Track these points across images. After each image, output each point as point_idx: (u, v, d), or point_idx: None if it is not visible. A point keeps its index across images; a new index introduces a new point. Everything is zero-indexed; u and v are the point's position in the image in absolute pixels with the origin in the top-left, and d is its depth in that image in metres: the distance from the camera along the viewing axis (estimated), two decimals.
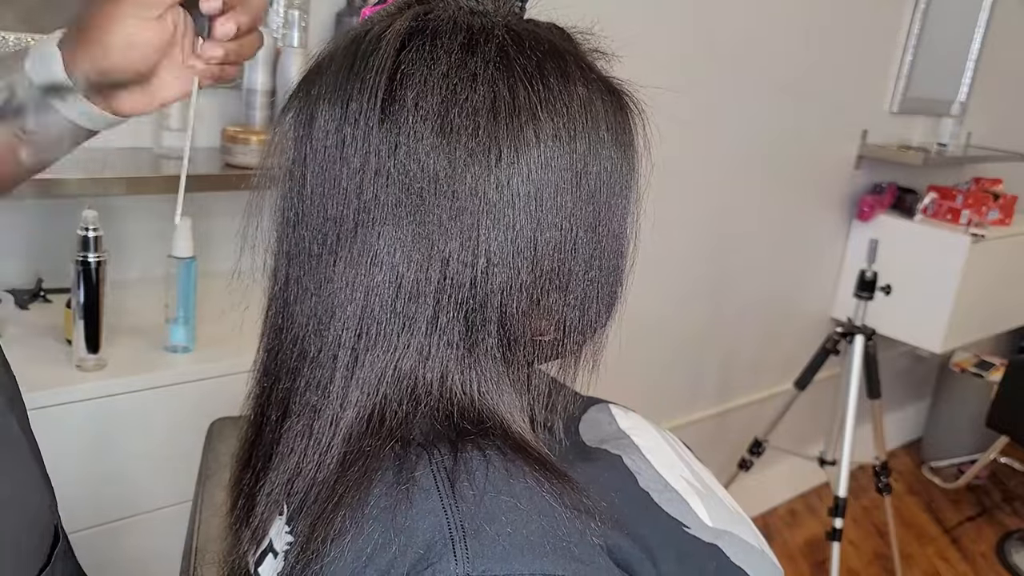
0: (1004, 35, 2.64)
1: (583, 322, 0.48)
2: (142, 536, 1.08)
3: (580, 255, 0.46)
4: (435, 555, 0.38)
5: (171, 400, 1.07)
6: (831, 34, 2.13)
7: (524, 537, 0.39)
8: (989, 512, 2.82)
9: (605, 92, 0.47)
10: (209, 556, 0.71)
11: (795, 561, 2.39)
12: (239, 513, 0.52)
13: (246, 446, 0.52)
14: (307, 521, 0.43)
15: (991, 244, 2.32)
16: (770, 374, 2.47)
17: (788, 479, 2.63)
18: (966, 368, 2.96)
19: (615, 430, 0.57)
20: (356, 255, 0.44)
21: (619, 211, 0.48)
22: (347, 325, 0.44)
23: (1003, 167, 2.80)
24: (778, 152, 2.16)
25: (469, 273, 0.43)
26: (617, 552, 0.43)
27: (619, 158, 0.47)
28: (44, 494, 0.51)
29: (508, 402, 0.46)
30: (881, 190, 2.44)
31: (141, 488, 1.08)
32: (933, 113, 2.55)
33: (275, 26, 1.23)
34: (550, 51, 0.46)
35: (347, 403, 0.44)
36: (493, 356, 0.45)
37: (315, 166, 0.45)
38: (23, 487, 0.48)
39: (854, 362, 2.06)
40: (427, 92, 0.42)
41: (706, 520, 0.52)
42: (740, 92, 1.98)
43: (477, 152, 0.42)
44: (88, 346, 1.02)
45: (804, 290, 2.47)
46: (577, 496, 0.42)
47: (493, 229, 0.43)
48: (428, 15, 0.45)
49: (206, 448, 0.91)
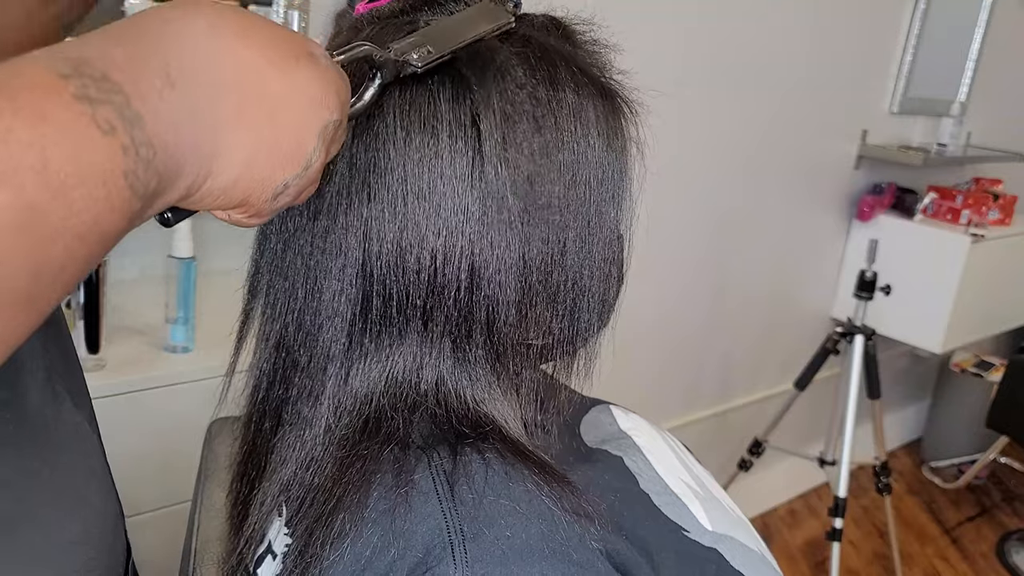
0: (1004, 35, 2.64)
1: (573, 331, 0.48)
2: (142, 536, 1.08)
3: (569, 266, 0.46)
4: (434, 559, 0.38)
5: (171, 400, 1.07)
6: (831, 34, 2.13)
7: (523, 541, 0.39)
8: (989, 512, 2.81)
9: (597, 96, 0.47)
10: (209, 556, 0.71)
11: (795, 561, 2.39)
12: (235, 520, 0.52)
13: (241, 454, 0.52)
14: (305, 524, 0.43)
15: (991, 244, 2.32)
16: (770, 374, 2.47)
17: (788, 479, 2.63)
18: (966, 368, 2.96)
19: (616, 430, 0.57)
20: (342, 268, 0.43)
21: (610, 217, 0.48)
22: (336, 336, 0.44)
23: (1003, 167, 2.80)
24: (778, 152, 2.16)
25: (455, 286, 0.43)
26: (616, 556, 0.43)
27: (610, 164, 0.47)
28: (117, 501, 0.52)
29: (502, 408, 0.46)
30: (881, 190, 2.44)
31: (141, 488, 1.08)
32: (933, 113, 2.55)
33: None
34: (541, 57, 0.45)
35: (340, 412, 0.44)
36: (483, 365, 0.45)
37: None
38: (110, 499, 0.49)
39: (854, 362, 2.06)
40: (408, 105, 0.42)
41: (706, 524, 0.52)
42: (740, 92, 1.97)
43: (460, 167, 0.42)
44: (88, 346, 1.02)
45: (804, 290, 2.47)
46: (576, 500, 0.42)
47: (478, 243, 0.42)
48: (418, 23, 0.45)
49: (205, 448, 0.91)
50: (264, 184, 0.34)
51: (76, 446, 0.47)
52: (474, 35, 0.45)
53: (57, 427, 0.45)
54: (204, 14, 0.33)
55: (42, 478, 0.43)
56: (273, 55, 0.33)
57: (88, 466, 0.47)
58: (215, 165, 0.32)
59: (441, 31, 0.44)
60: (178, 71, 0.30)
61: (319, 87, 0.35)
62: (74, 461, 0.46)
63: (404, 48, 0.42)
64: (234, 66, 0.32)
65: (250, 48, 0.33)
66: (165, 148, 0.29)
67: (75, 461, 0.46)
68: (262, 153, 0.33)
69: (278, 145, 0.34)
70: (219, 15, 0.33)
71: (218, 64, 0.32)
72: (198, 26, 0.32)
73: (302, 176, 0.35)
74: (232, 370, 0.52)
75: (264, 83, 0.33)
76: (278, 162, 0.34)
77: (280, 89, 0.33)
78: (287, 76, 0.34)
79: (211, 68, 0.32)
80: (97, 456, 0.49)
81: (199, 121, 0.31)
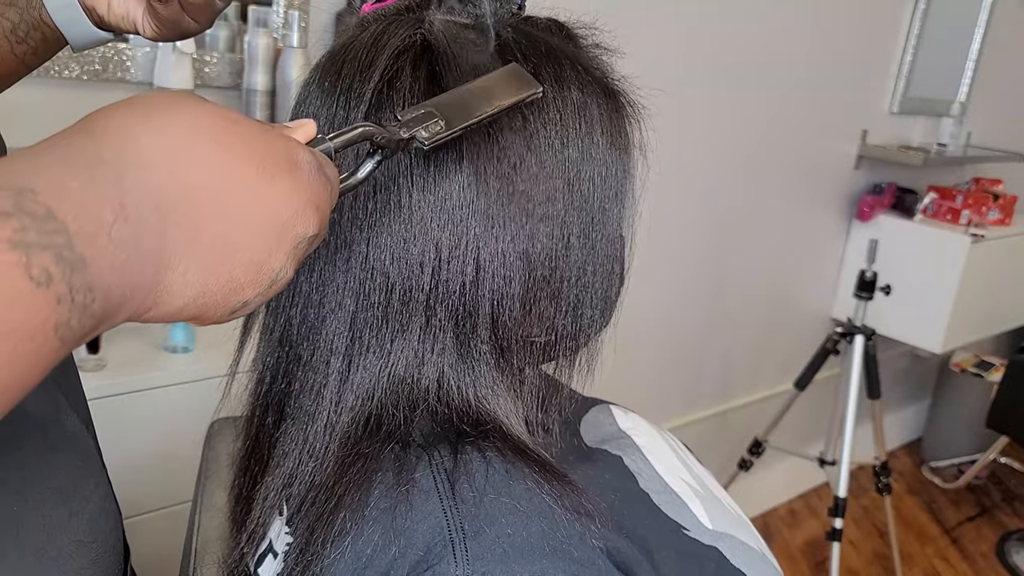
0: (1004, 35, 2.64)
1: (576, 327, 0.48)
2: (142, 536, 1.08)
3: (573, 262, 0.46)
4: (435, 557, 0.38)
5: (171, 400, 1.07)
6: (831, 34, 2.13)
7: (524, 539, 0.39)
8: (989, 512, 2.81)
9: (601, 95, 0.47)
10: (209, 556, 0.71)
11: (795, 561, 2.39)
12: (238, 516, 0.52)
13: (244, 449, 0.52)
14: (306, 522, 0.43)
15: (991, 244, 2.32)
16: (770, 374, 2.47)
17: (788, 479, 2.63)
18: (966, 368, 2.96)
19: (616, 430, 0.57)
20: (347, 261, 0.44)
21: (613, 215, 0.48)
22: (339, 330, 0.44)
23: (1003, 167, 2.80)
24: (778, 152, 2.16)
25: (459, 280, 0.43)
26: (617, 554, 0.43)
27: (614, 162, 0.47)
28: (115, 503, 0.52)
29: (504, 406, 0.46)
30: (881, 190, 2.44)
31: (141, 488, 1.08)
32: (933, 113, 2.55)
33: (275, 26, 1.23)
34: (546, 54, 0.45)
35: (342, 408, 0.44)
36: (487, 361, 0.45)
37: None
38: (109, 499, 0.49)
39: (854, 362, 2.06)
40: (414, 101, 0.42)
41: (706, 522, 0.52)
42: (740, 92, 1.97)
43: (465, 161, 0.42)
44: (88, 346, 1.02)
45: (804, 290, 2.47)
46: (577, 498, 0.42)
47: (482, 238, 0.43)
48: (423, 21, 0.45)
49: (206, 448, 0.91)
50: (218, 307, 0.31)
51: (74, 448, 0.47)
52: (494, 109, 0.41)
53: (56, 429, 0.46)
54: (189, 113, 0.30)
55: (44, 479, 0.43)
56: (248, 170, 0.30)
57: (87, 467, 0.47)
58: (161, 299, 0.29)
59: (459, 102, 0.41)
60: (135, 201, 0.27)
61: (296, 203, 0.32)
62: (74, 462, 0.46)
63: (413, 123, 0.39)
64: (201, 182, 0.29)
65: (226, 158, 0.30)
66: (106, 290, 0.26)
67: (74, 462, 0.46)
68: (215, 285, 0.30)
69: (234, 277, 0.31)
70: (205, 115, 0.30)
71: (182, 182, 0.29)
72: (179, 128, 0.29)
73: (266, 293, 0.33)
74: (236, 365, 0.52)
75: (229, 205, 0.30)
76: (235, 289, 0.31)
77: (248, 210, 0.30)
78: (258, 196, 0.31)
79: (172, 188, 0.28)
80: (95, 458, 0.50)
81: (147, 259, 0.28)
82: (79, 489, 0.45)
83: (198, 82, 1.16)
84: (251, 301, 0.32)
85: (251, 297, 0.32)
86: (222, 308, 0.31)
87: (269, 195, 0.31)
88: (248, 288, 0.32)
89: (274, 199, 0.31)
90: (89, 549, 0.44)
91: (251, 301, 0.32)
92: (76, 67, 1.08)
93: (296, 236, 0.32)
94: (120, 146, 0.28)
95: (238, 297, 0.31)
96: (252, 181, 0.30)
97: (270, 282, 0.32)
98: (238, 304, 0.32)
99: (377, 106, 0.43)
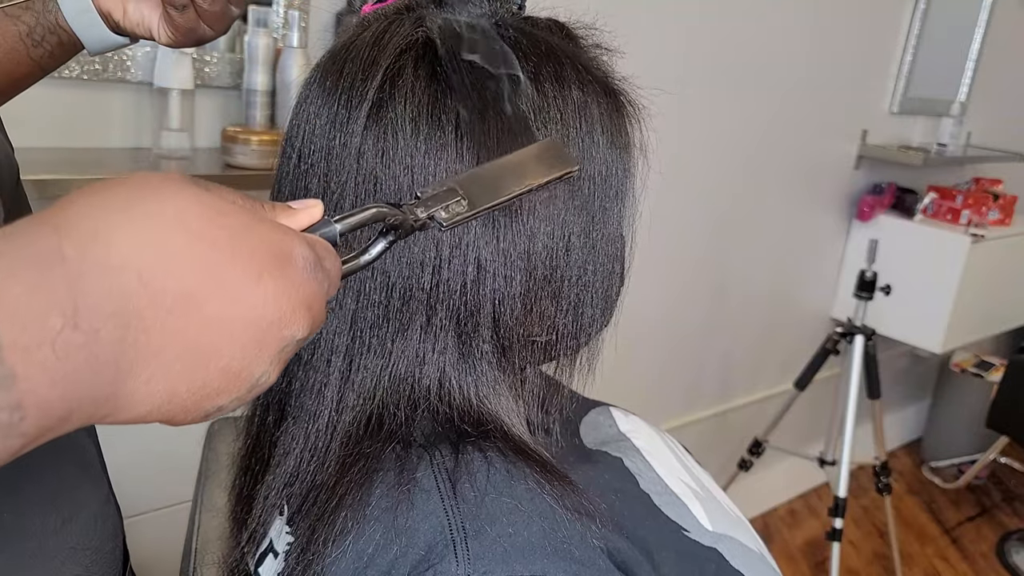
0: (1004, 35, 2.64)
1: (577, 326, 0.48)
2: (142, 536, 1.08)
3: (573, 261, 0.46)
4: (436, 556, 0.38)
5: None
6: (831, 34, 2.13)
7: (525, 539, 0.39)
8: (989, 512, 2.81)
9: (602, 94, 0.47)
10: (209, 556, 0.71)
11: (795, 561, 2.39)
12: (239, 515, 0.52)
13: (245, 448, 0.52)
14: (308, 522, 0.43)
15: (991, 244, 2.32)
16: (770, 374, 2.47)
17: (788, 479, 2.63)
18: (966, 368, 2.96)
19: (615, 432, 0.57)
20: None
21: (614, 215, 0.48)
22: (339, 329, 0.44)
23: (1003, 167, 2.80)
24: (778, 152, 2.16)
25: (460, 280, 0.43)
26: (617, 555, 0.43)
27: (614, 161, 0.47)
28: (116, 507, 0.52)
29: (505, 405, 0.46)
30: (881, 190, 2.44)
31: (141, 488, 1.08)
32: (933, 113, 2.55)
33: (275, 26, 1.23)
34: (547, 53, 0.45)
35: (344, 407, 0.44)
36: (488, 361, 0.45)
37: (308, 169, 0.45)
38: (108, 503, 0.49)
39: (854, 362, 2.06)
40: (416, 99, 0.42)
41: (705, 524, 0.52)
42: (740, 92, 1.97)
43: (467, 160, 0.42)
44: None
45: (804, 290, 2.47)
46: (578, 498, 0.42)
47: (483, 237, 0.43)
48: (424, 20, 0.45)
49: (206, 448, 0.91)
50: (188, 413, 0.28)
51: (71, 452, 0.47)
52: (523, 189, 0.39)
53: None
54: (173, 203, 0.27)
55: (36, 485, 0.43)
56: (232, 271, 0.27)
57: (84, 472, 0.47)
58: (121, 406, 0.26)
59: (488, 178, 0.38)
60: (92, 305, 0.24)
61: (285, 304, 0.29)
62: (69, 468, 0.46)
63: (433, 201, 0.36)
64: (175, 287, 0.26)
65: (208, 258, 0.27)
66: (43, 406, 0.24)
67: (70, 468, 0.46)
68: (185, 393, 0.27)
69: (207, 383, 0.28)
70: (191, 205, 0.27)
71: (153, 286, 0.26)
72: (160, 221, 0.26)
73: (244, 397, 0.29)
74: None
75: (206, 310, 0.27)
76: (208, 395, 0.28)
77: (228, 315, 0.27)
78: (241, 299, 0.27)
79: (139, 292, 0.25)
80: (94, 462, 0.49)
81: (101, 369, 0.25)
82: (74, 495, 0.45)
83: (198, 82, 1.16)
84: (227, 407, 0.29)
85: (226, 403, 0.29)
86: (193, 413, 0.28)
87: (254, 297, 0.28)
88: (223, 395, 0.29)
89: (260, 301, 0.28)
90: (83, 555, 0.44)
91: (227, 407, 0.29)
92: (76, 67, 1.08)
93: (282, 340, 0.29)
94: (86, 243, 0.25)
95: (212, 403, 0.29)
96: (235, 283, 0.27)
97: (249, 387, 0.29)
98: (212, 409, 0.29)
99: (379, 104, 0.43)
